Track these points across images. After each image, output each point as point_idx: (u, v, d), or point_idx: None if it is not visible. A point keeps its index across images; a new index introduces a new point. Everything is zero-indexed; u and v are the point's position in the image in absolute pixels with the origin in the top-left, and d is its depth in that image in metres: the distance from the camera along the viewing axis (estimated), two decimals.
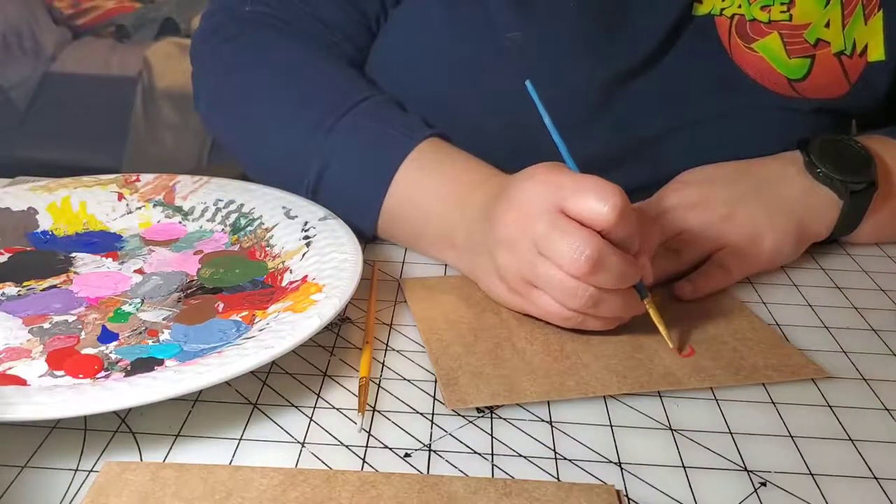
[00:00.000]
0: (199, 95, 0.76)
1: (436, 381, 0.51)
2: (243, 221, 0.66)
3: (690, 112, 0.71)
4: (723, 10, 0.69)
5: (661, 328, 0.54)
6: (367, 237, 0.66)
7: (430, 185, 0.62)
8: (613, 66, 0.69)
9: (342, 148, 0.65)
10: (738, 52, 0.70)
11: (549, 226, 0.51)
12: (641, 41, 0.69)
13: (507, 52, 0.69)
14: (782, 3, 0.68)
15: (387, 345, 0.55)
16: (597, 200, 0.50)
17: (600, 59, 0.69)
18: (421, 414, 0.48)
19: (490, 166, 0.63)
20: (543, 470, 0.45)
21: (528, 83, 0.55)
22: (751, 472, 0.45)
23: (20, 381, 0.48)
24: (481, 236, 0.57)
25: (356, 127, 0.65)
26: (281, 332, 0.50)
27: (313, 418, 0.48)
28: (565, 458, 0.45)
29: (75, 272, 0.60)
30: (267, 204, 0.67)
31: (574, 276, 0.51)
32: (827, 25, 0.69)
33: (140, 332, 0.53)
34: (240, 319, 0.55)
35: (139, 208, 0.68)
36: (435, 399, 0.50)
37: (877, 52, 0.70)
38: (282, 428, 0.47)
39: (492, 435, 0.47)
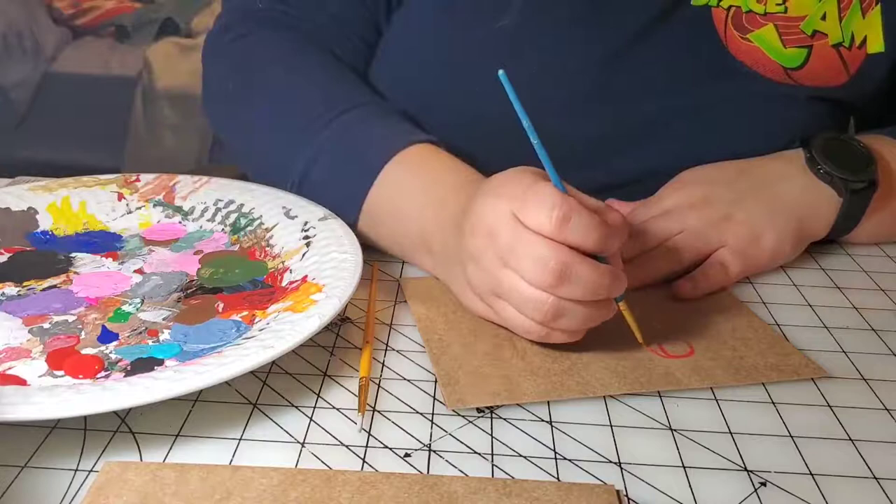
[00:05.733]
0: (204, 90, 0.77)
1: (436, 381, 0.51)
2: (243, 221, 0.66)
3: (686, 99, 0.71)
4: (720, 1, 0.69)
5: (634, 329, 0.54)
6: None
7: (412, 188, 0.62)
8: (607, 44, 0.69)
9: (331, 146, 0.65)
10: (734, 42, 0.70)
11: (513, 237, 0.50)
12: (635, 13, 0.69)
13: (500, 40, 0.69)
14: None
15: (387, 345, 0.55)
16: (541, 211, 0.49)
17: (593, 37, 0.69)
18: (421, 414, 0.48)
19: (473, 171, 0.62)
20: (543, 470, 0.45)
21: (500, 73, 0.50)
22: (751, 472, 0.45)
23: (20, 381, 0.48)
24: (454, 246, 0.56)
25: (347, 127, 0.65)
26: (281, 332, 0.50)
27: (313, 418, 0.48)
28: (565, 458, 0.45)
29: (75, 272, 0.60)
30: (267, 204, 0.67)
31: (539, 288, 0.50)
32: (823, 18, 0.69)
33: (140, 332, 0.53)
34: (240, 319, 0.55)
35: (139, 208, 0.68)
36: (435, 399, 0.50)
37: (876, 45, 0.70)
38: (282, 428, 0.47)
39: (492, 435, 0.47)
